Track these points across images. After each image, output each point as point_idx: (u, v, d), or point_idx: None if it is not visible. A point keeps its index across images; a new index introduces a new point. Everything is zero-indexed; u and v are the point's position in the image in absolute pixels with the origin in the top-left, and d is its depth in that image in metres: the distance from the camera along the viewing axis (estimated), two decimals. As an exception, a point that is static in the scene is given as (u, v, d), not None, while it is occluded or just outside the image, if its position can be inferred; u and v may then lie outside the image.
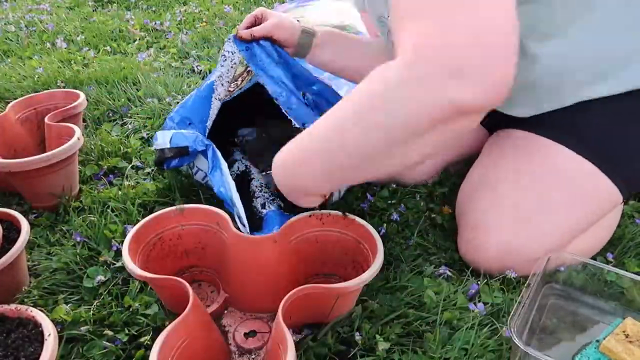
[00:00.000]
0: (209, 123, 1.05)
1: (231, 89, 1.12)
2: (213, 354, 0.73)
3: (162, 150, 1.03)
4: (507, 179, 0.89)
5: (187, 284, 0.72)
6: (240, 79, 1.14)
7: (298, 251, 0.84)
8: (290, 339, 0.63)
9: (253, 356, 0.77)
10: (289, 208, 0.88)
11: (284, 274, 0.83)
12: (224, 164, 0.97)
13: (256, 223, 1.00)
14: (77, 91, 1.26)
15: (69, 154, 1.01)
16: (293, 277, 0.84)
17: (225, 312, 0.85)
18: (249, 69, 1.12)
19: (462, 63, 0.51)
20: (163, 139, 1.03)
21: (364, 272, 0.74)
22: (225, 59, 1.01)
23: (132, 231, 0.80)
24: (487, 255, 0.87)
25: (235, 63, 1.01)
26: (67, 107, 1.19)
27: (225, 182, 0.95)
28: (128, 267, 0.74)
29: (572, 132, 0.87)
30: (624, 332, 0.75)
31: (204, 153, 1.01)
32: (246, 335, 0.80)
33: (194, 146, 1.00)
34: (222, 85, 1.03)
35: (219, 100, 1.03)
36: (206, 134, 1.05)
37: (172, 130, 1.06)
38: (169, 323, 0.78)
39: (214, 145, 1.00)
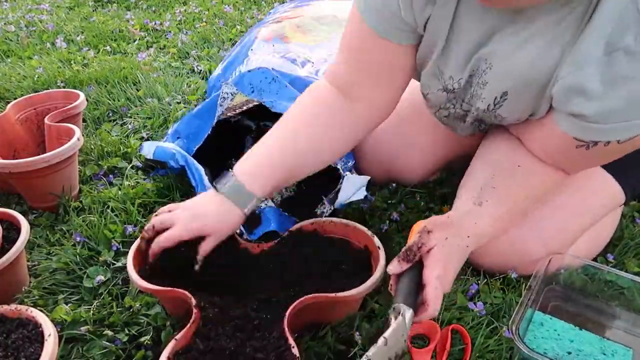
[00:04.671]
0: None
1: (230, 114, 1.15)
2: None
3: (146, 159, 1.13)
4: None
5: (190, 296, 0.72)
6: (238, 108, 1.16)
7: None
8: (295, 350, 0.64)
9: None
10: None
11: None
12: (205, 179, 1.00)
13: (254, 218, 1.00)
14: (77, 91, 1.26)
15: (69, 154, 1.01)
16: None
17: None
18: (247, 99, 1.15)
19: None
20: (148, 149, 1.12)
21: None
22: (224, 100, 1.06)
23: (136, 242, 0.80)
24: (489, 254, 0.87)
25: (231, 101, 1.06)
26: (67, 107, 1.19)
27: None
28: (132, 278, 0.74)
29: None
30: None
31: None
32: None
33: (171, 163, 1.07)
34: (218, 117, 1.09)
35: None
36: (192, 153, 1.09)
37: (163, 142, 1.13)
38: (170, 324, 0.78)
39: (195, 162, 1.03)
